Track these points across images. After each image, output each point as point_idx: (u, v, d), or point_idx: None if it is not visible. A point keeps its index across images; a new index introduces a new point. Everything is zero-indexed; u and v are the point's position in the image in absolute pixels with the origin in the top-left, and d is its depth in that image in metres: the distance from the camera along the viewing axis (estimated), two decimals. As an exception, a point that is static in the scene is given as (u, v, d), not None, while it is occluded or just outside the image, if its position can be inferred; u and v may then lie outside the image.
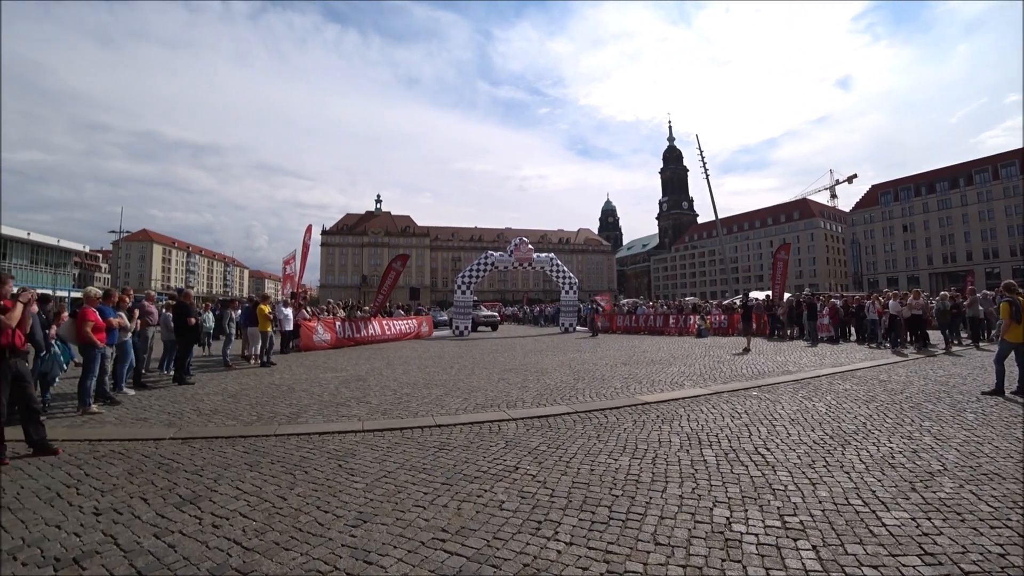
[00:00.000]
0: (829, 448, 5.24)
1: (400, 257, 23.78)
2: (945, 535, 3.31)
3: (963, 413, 6.78)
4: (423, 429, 6.20)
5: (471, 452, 5.22)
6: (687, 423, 6.38)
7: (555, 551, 3.14)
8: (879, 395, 8.06)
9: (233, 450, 5.34)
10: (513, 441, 5.62)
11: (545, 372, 11.28)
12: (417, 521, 3.56)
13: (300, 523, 3.54)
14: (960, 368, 11.21)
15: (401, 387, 9.35)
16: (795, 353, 14.85)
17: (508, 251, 28.15)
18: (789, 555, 3.08)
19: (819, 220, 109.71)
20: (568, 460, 4.91)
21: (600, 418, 6.72)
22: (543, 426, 6.33)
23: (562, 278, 29.11)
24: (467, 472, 4.58)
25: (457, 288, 26.96)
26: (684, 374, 10.80)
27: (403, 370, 11.86)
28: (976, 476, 4.39)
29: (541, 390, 8.94)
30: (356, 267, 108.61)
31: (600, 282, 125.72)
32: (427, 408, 7.48)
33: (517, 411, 7.17)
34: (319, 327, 17.56)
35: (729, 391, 8.61)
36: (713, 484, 4.25)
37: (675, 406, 7.46)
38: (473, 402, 7.93)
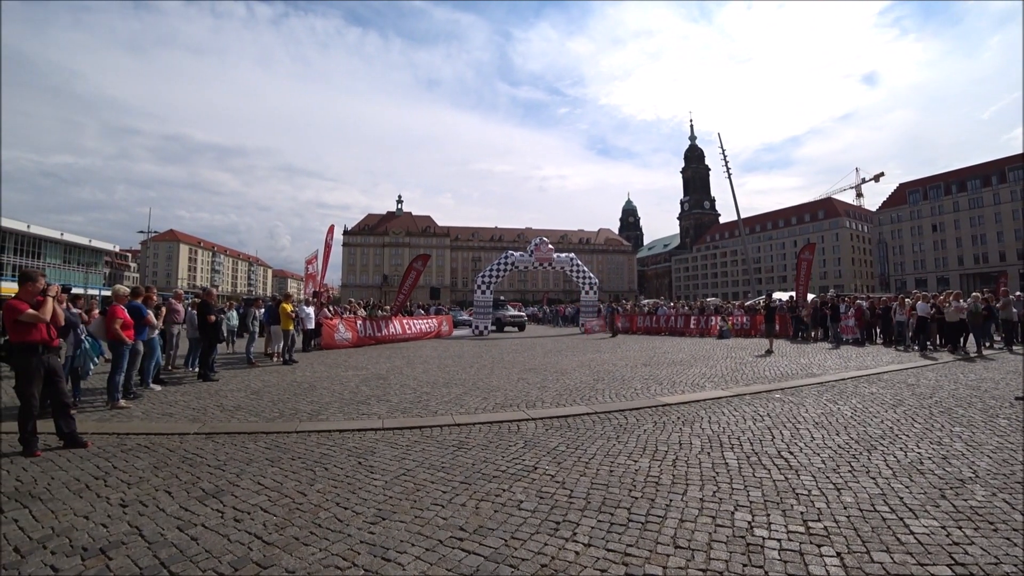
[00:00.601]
0: (854, 453, 5.12)
1: (421, 257, 23.94)
2: (977, 545, 3.20)
3: (996, 419, 6.57)
4: (442, 428, 6.22)
5: (490, 451, 5.22)
6: (708, 425, 6.30)
7: (573, 552, 3.13)
8: (907, 399, 7.86)
9: (255, 446, 5.42)
10: (532, 441, 5.61)
11: (564, 372, 11.23)
12: (435, 519, 3.57)
13: (320, 519, 3.57)
14: (992, 372, 10.89)
15: (421, 386, 9.40)
16: (819, 355, 14.57)
17: (528, 251, 28.13)
18: (812, 561, 3.01)
19: (844, 220, 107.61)
20: (587, 461, 4.88)
21: (620, 419, 6.67)
22: (562, 426, 6.30)
23: (582, 278, 29.01)
24: (486, 471, 4.58)
25: (477, 288, 27.03)
26: (705, 375, 10.67)
27: (423, 369, 11.93)
28: (1010, 484, 4.23)
29: (560, 390, 8.90)
30: (377, 267, 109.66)
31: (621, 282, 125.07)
32: (446, 407, 7.51)
33: (536, 411, 7.16)
34: (340, 326, 17.75)
35: (751, 393, 8.48)
36: (735, 487, 4.18)
37: (696, 408, 7.37)
38: (492, 401, 7.93)
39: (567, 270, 29.05)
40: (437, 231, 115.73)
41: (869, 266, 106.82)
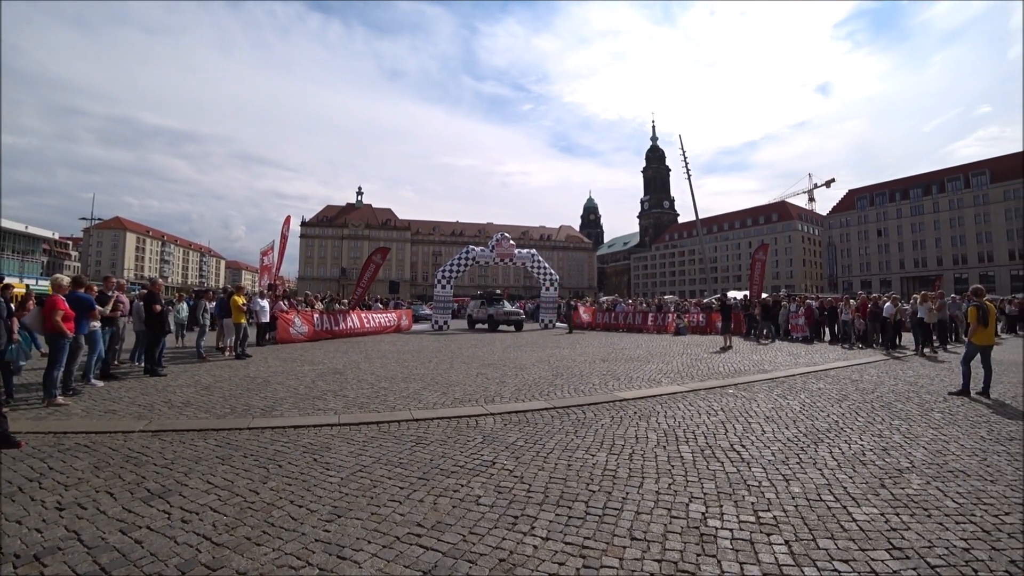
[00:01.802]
0: (802, 445, 5.33)
1: (380, 250, 23.59)
2: (912, 530, 3.40)
3: (931, 413, 6.95)
4: (400, 423, 6.15)
5: (448, 447, 5.19)
6: (664, 420, 6.43)
7: (531, 546, 3.14)
8: (851, 394, 8.21)
9: (205, 443, 5.24)
10: (491, 436, 5.61)
11: (524, 368, 11.27)
12: (392, 516, 3.53)
13: (273, 518, 3.48)
14: (928, 369, 11.49)
15: (379, 381, 9.27)
16: (771, 352, 15.07)
17: (489, 246, 28.08)
18: (762, 550, 3.12)
19: (797, 223, 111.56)
20: (545, 455, 4.92)
21: (578, 414, 6.74)
22: (521, 421, 6.32)
23: (543, 274, 29.14)
24: (444, 467, 4.55)
25: (437, 282, 26.86)
26: (662, 371, 10.89)
27: (381, 364, 11.77)
28: (942, 473, 4.52)
29: (519, 385, 8.93)
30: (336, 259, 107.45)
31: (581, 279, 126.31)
32: (404, 402, 7.43)
33: (495, 406, 7.16)
34: (296, 319, 17.33)
35: (706, 389, 8.70)
36: (689, 480, 4.29)
37: (652, 403, 7.51)
38: (451, 396, 7.89)
39: (528, 266, 29.12)
40: (398, 224, 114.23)
41: (819, 267, 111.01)
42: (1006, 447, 5.37)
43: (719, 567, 2.92)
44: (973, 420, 6.56)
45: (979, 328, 8.43)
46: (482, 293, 31.78)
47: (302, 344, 16.47)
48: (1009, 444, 5.48)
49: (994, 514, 3.67)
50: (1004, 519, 3.60)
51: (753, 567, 2.93)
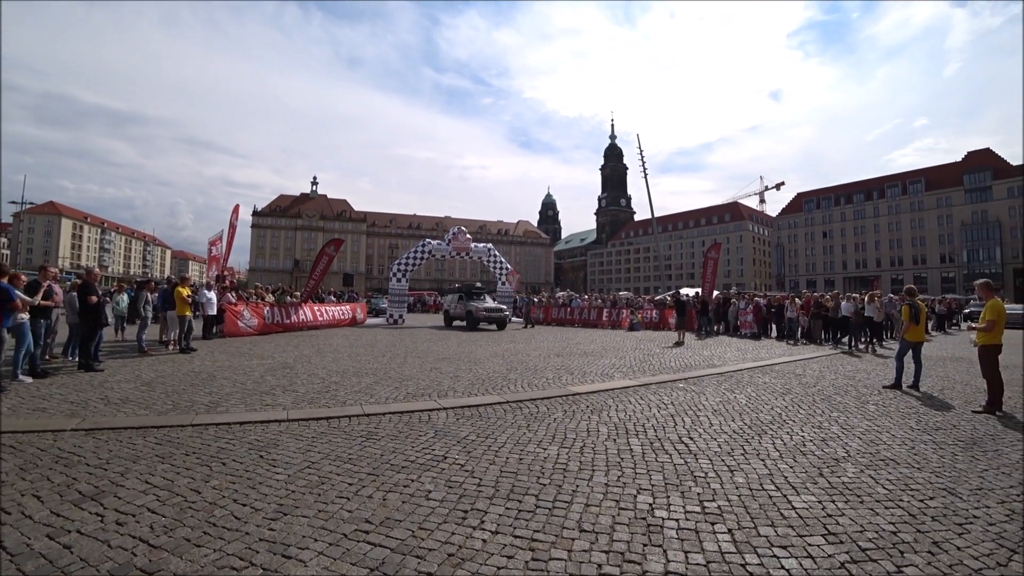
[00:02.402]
0: (747, 437, 5.51)
1: (334, 242, 23.11)
2: (846, 516, 3.58)
3: (866, 405, 7.32)
4: (351, 419, 6.04)
5: (399, 442, 5.13)
6: (616, 413, 6.54)
7: (481, 540, 3.14)
8: (794, 388, 8.55)
9: (144, 442, 5.01)
10: (443, 431, 5.58)
11: (478, 362, 11.27)
12: (340, 513, 3.46)
13: (215, 517, 3.36)
14: (865, 364, 12.08)
15: (330, 375, 9.08)
16: (720, 348, 15.53)
17: (446, 240, 27.91)
18: (707, 538, 3.22)
19: (748, 223, 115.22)
20: (497, 450, 4.93)
21: (531, 408, 6.79)
22: (474, 415, 6.32)
23: (499, 269, 29.16)
24: (394, 462, 4.50)
25: (393, 275, 26.52)
26: (615, 366, 11.07)
27: (333, 358, 11.54)
28: (875, 462, 4.78)
29: (473, 380, 8.92)
30: (288, 251, 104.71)
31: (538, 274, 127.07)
32: (356, 397, 7.30)
33: (448, 400, 7.13)
34: (245, 312, 16.80)
35: (657, 383, 8.89)
36: (638, 472, 4.37)
37: (605, 397, 7.63)
38: (404, 391, 7.81)
39: (484, 260, 29.10)
40: (353, 216, 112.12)
41: (768, 266, 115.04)
42: (932, 436, 5.71)
43: (665, 557, 2.99)
44: (904, 412, 6.94)
45: (911, 325, 8.95)
46: (460, 286, 28.17)
47: (251, 338, 15.99)
48: (935, 434, 5.84)
49: (920, 499, 3.91)
50: (928, 503, 3.83)
51: (697, 555, 3.01)
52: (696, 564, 2.92)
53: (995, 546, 3.21)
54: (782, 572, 2.85)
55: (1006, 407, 7.22)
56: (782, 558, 3.00)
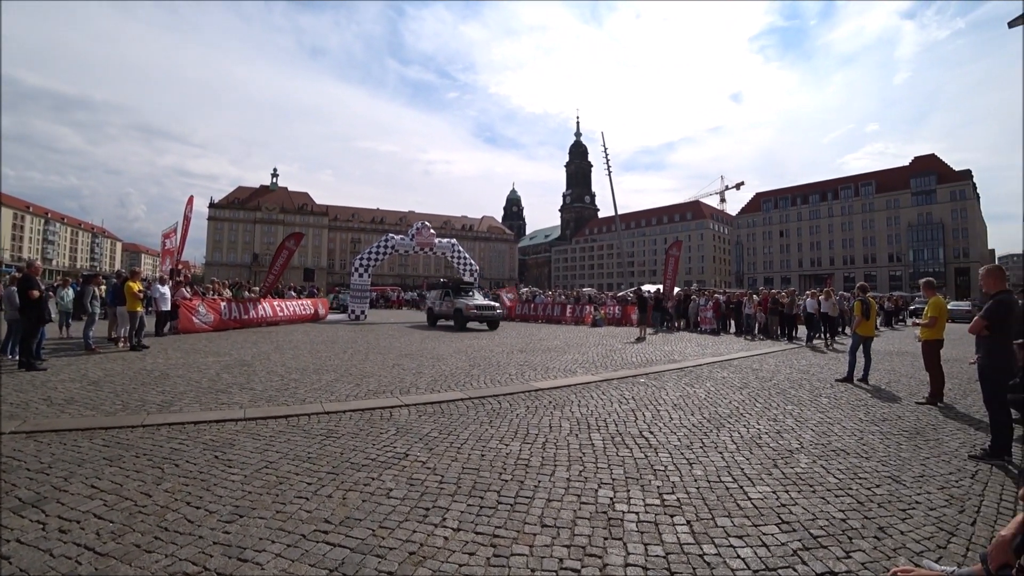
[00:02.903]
0: (706, 431, 5.65)
1: (294, 236, 22.63)
2: (799, 505, 3.72)
3: (819, 398, 7.58)
4: (310, 416, 5.92)
5: (360, 440, 5.06)
6: (578, 408, 6.60)
7: (442, 537, 3.12)
8: (751, 382, 8.79)
9: (90, 444, 4.79)
10: (404, 428, 5.53)
11: (441, 358, 11.21)
12: (299, 513, 3.39)
13: (167, 522, 3.24)
14: (819, 359, 12.51)
15: (289, 372, 8.89)
16: (681, 343, 15.85)
17: (409, 235, 27.59)
18: (666, 530, 3.28)
19: (709, 222, 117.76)
20: (459, 446, 4.91)
21: (493, 404, 6.79)
22: (436, 412, 6.29)
23: (463, 265, 29.02)
24: (355, 460, 4.44)
25: (355, 270, 26.04)
26: (578, 361, 11.17)
27: (292, 355, 11.30)
28: (827, 452, 4.97)
29: (436, 376, 8.87)
30: (247, 244, 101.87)
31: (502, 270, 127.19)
32: (316, 394, 7.17)
33: (410, 397, 7.07)
34: (201, 307, 16.28)
35: (619, 378, 9.01)
36: (599, 467, 4.42)
37: (567, 392, 7.69)
38: (365, 388, 7.71)
39: (448, 256, 28.89)
40: (315, 209, 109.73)
41: (727, 264, 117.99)
42: (879, 427, 5.98)
43: (625, 550, 3.03)
44: (854, 404, 7.23)
45: (862, 321, 9.36)
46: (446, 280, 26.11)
47: (207, 334, 15.51)
48: (882, 424, 6.11)
49: (867, 487, 4.10)
50: (875, 491, 4.02)
51: (657, 547, 3.07)
52: (655, 556, 2.97)
53: (935, 530, 3.40)
54: (738, 561, 2.93)
55: (947, 398, 7.64)
56: (738, 547, 3.08)
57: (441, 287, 23.92)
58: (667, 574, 2.79)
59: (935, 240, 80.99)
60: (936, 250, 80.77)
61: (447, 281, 24.85)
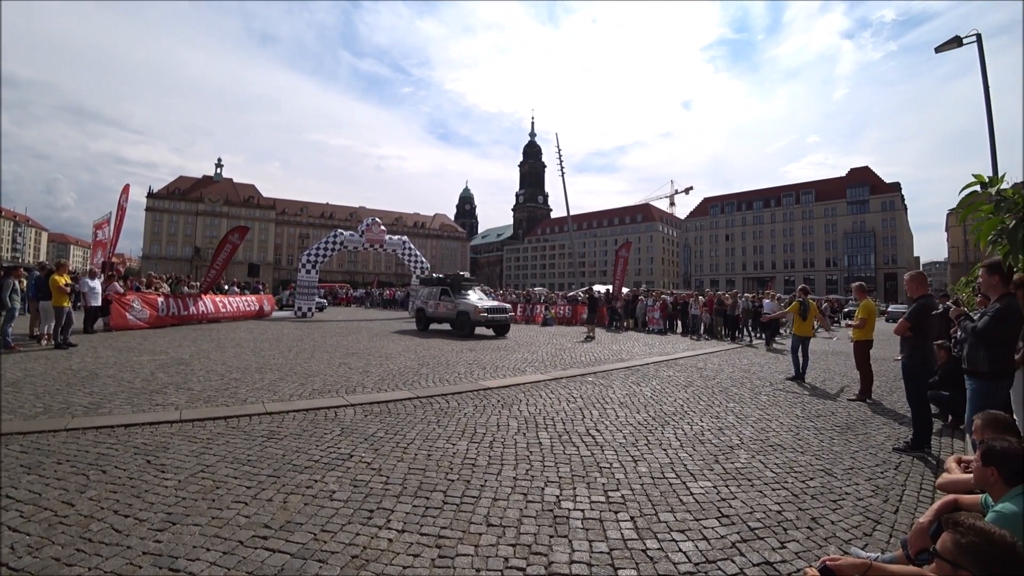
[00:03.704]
0: (651, 428, 5.78)
1: (238, 229, 21.80)
2: (738, 499, 3.86)
3: (759, 396, 7.88)
4: (251, 417, 5.72)
5: (303, 441, 4.93)
6: (526, 407, 6.64)
7: (386, 540, 3.08)
8: (696, 381, 9.05)
9: (6, 450, 4.45)
10: (350, 428, 5.42)
11: (389, 357, 11.06)
12: (236, 519, 3.27)
13: (91, 532, 3.05)
14: (760, 358, 13.01)
15: (230, 372, 8.56)
16: (629, 342, 16.16)
17: (359, 231, 27.09)
18: (610, 527, 3.34)
19: (658, 224, 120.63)
20: (406, 446, 4.85)
21: (442, 403, 6.74)
22: (383, 412, 6.19)
23: (414, 262, 28.72)
24: (297, 462, 4.31)
25: (302, 266, 25.34)
26: (527, 360, 11.23)
27: (234, 353, 10.89)
28: (765, 448, 5.18)
29: (383, 375, 8.74)
30: (188, 237, 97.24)
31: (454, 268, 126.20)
32: (258, 394, 6.93)
33: (356, 397, 6.94)
34: (135, 303, 15.47)
35: (567, 377, 9.11)
36: (546, 465, 4.46)
37: (516, 391, 7.72)
38: (310, 387, 7.51)
39: (399, 253, 28.54)
40: (262, 202, 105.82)
41: (676, 266, 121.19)
42: (814, 423, 6.28)
43: (570, 547, 3.06)
44: (791, 401, 7.56)
45: (798, 320, 9.82)
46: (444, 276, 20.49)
47: (142, 331, 14.73)
48: (816, 420, 6.42)
49: (802, 480, 4.30)
50: (809, 484, 4.23)
51: (601, 543, 3.11)
52: (600, 552, 3.01)
53: (863, 519, 3.61)
54: (680, 555, 3.01)
55: (875, 395, 8.12)
56: (680, 541, 3.17)
57: (436, 283, 19.61)
58: (611, 570, 2.84)
59: (867, 247, 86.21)
60: (868, 256, 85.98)
61: (444, 277, 20.21)
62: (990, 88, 12.15)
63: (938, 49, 12.95)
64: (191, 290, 19.24)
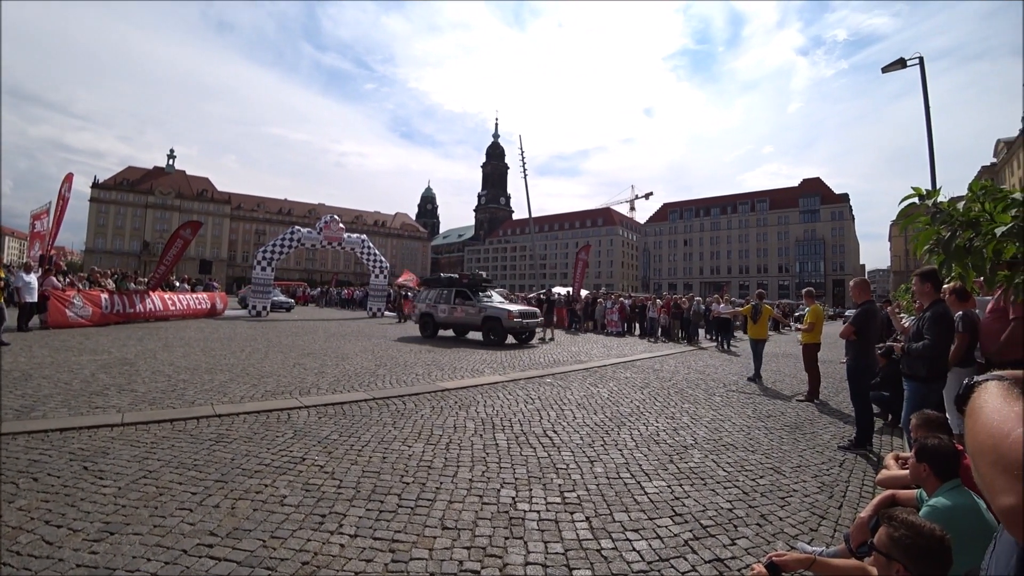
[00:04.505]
0: (607, 429, 5.84)
1: (191, 224, 21.01)
2: (691, 497, 3.95)
3: (713, 397, 8.07)
4: (199, 420, 5.51)
5: (253, 444, 4.78)
6: (483, 409, 6.62)
7: (338, 545, 3.01)
8: (652, 382, 9.20)
9: (-74, 454, 4.18)
10: (303, 430, 5.29)
11: (346, 357, 10.87)
12: (180, 527, 3.13)
13: (19, 545, 2.86)
14: (714, 360, 13.33)
15: (178, 372, 8.23)
16: (587, 344, 16.32)
17: (317, 228, 26.51)
18: (566, 528, 3.35)
19: (619, 228, 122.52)
20: (360, 449, 4.76)
21: (398, 404, 6.66)
22: (337, 414, 6.07)
23: (373, 261, 28.31)
24: (246, 466, 4.17)
25: (257, 264, 24.54)
26: (485, 361, 11.21)
27: (183, 353, 10.48)
28: (717, 447, 5.32)
29: (339, 376, 8.58)
30: (136, 231, 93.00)
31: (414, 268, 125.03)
32: (207, 396, 6.68)
33: (311, 398, 6.77)
34: (76, 299, 14.72)
35: (526, 378, 9.13)
36: (503, 467, 4.45)
37: (474, 392, 7.69)
38: (262, 389, 7.29)
39: (358, 252, 28.07)
40: (216, 196, 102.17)
41: (635, 269, 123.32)
42: (764, 423, 6.48)
43: (525, 548, 3.06)
44: (743, 402, 7.76)
45: (751, 324, 10.21)
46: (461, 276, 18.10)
47: (84, 330, 14.03)
48: (767, 420, 6.62)
49: (752, 478, 4.43)
50: (759, 482, 4.36)
51: (556, 545, 3.12)
52: (555, 553, 3.02)
53: (809, 515, 3.75)
54: (634, 554, 3.05)
55: (822, 396, 8.44)
56: (634, 541, 3.21)
57: (448, 284, 17.24)
58: (566, 570, 2.85)
59: (818, 254, 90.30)
60: (818, 263, 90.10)
61: (461, 276, 17.80)
62: (931, 107, 12.84)
63: (884, 69, 13.59)
64: (138, 286, 18.44)
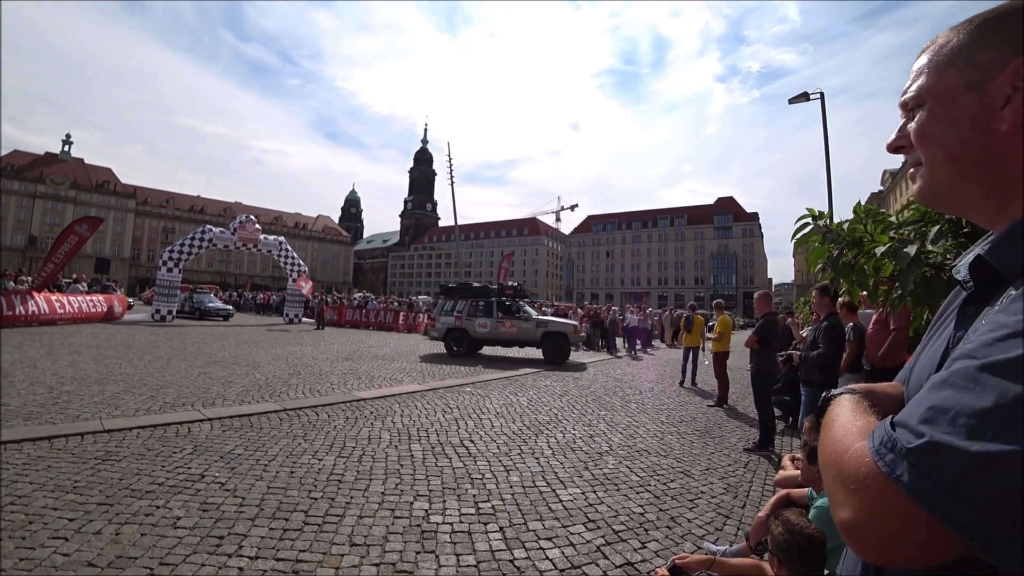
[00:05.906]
0: (525, 437, 5.87)
1: (89, 219, 19.21)
2: (605, 503, 4.03)
3: (629, 404, 8.32)
4: (83, 436, 5.00)
5: (146, 461, 4.39)
6: (400, 419, 6.47)
7: (236, 568, 2.82)
8: (571, 390, 9.36)
9: None
10: (204, 445, 4.94)
11: (257, 366, 10.33)
12: (52, 558, 2.81)
13: None
14: (632, 368, 13.77)
15: (61, 383, 7.46)
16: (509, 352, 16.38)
17: (231, 228, 25.13)
18: (479, 539, 3.32)
19: (544, 238, 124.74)
20: (267, 463, 4.51)
21: (311, 415, 6.38)
22: (244, 426, 5.72)
23: (291, 265, 27.19)
24: (136, 487, 3.83)
25: (163, 264, 22.77)
26: (405, 370, 11.00)
27: (70, 361, 9.54)
28: (632, 453, 5.48)
29: (248, 386, 8.12)
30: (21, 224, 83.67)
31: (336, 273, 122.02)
32: (95, 409, 6.09)
33: (214, 410, 6.35)
34: (-57, 304, 13.15)
35: (445, 387, 9.04)
36: (417, 478, 4.35)
37: (391, 402, 7.51)
38: (160, 401, 6.75)
39: (275, 254, 26.88)
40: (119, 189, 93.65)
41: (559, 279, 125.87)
42: (677, 428, 6.77)
43: (437, 562, 3.00)
44: (657, 408, 8.07)
45: (684, 333, 11.00)
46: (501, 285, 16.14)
47: (-50, 336, 12.54)
48: (679, 426, 6.91)
49: (664, 482, 4.59)
50: (670, 485, 4.53)
51: (469, 557, 3.08)
52: (467, 566, 2.98)
53: (716, 515, 3.94)
54: (547, 563, 3.05)
55: (731, 401, 8.93)
56: (547, 549, 3.22)
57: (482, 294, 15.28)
58: (477, 583, 2.81)
59: (730, 268, 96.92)
60: (731, 276, 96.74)
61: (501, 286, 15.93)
62: (829, 138, 14.18)
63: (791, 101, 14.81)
64: (19, 285, 16.69)
